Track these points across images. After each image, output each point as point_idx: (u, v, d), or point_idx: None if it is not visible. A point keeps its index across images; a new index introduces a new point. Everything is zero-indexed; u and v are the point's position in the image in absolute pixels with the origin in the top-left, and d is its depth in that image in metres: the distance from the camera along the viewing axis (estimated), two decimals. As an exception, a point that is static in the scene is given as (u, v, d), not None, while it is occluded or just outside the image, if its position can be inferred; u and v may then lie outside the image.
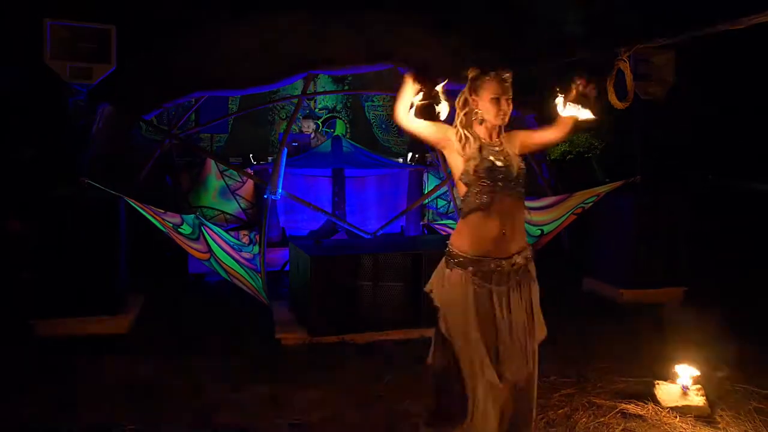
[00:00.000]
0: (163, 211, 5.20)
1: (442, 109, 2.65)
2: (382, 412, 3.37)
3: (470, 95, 2.67)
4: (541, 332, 2.69)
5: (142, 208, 4.95)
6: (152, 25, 6.12)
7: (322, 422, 3.27)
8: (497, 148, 2.66)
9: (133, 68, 6.02)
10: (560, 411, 3.39)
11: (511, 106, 2.65)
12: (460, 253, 2.61)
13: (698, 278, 6.07)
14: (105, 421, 3.22)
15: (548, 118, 2.88)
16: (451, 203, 7.17)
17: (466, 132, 2.65)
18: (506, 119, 2.67)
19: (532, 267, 2.70)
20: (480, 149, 2.63)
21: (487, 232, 2.59)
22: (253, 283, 5.33)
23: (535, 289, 2.69)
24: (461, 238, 2.65)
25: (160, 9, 6.22)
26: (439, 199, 7.83)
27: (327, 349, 4.41)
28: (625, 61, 3.74)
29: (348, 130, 10.43)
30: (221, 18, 6.74)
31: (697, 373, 3.43)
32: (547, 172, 7.12)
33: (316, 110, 10.22)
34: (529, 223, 6.30)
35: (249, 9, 6.89)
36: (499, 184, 2.60)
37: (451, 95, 2.73)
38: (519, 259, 2.62)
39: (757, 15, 2.97)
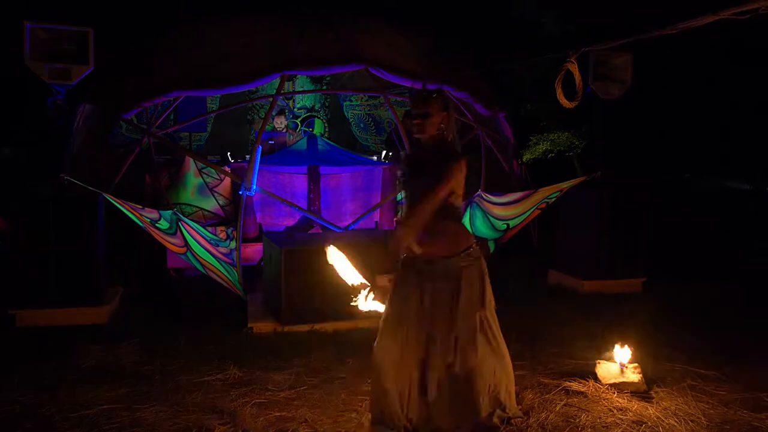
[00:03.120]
0: (141, 207, 5.41)
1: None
2: (343, 391, 3.60)
3: None
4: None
5: (120, 204, 5.14)
6: (132, 26, 6.29)
7: (286, 401, 3.49)
8: (422, 163, 2.93)
9: (113, 68, 6.21)
10: (510, 390, 3.63)
11: (427, 122, 2.89)
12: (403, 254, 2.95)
13: (657, 270, 6.37)
14: (84, 402, 3.42)
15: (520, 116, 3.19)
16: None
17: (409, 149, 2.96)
18: (422, 132, 2.92)
19: (466, 270, 2.92)
20: (407, 162, 2.96)
21: (418, 236, 2.89)
22: (229, 277, 5.54)
23: (468, 288, 2.92)
24: None
25: (139, 10, 6.39)
26: (412, 196, 8.05)
27: (296, 337, 4.63)
28: (573, 63, 3.98)
29: (327, 129, 10.63)
30: (199, 19, 6.93)
31: (630, 354, 3.69)
32: (519, 170, 7.38)
33: (295, 109, 10.41)
34: (495, 218, 6.57)
35: (226, 10, 7.09)
36: (410, 195, 2.94)
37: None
38: (443, 263, 2.90)
39: (688, 21, 3.26)
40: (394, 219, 7.79)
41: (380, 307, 2.91)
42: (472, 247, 2.94)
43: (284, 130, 8.41)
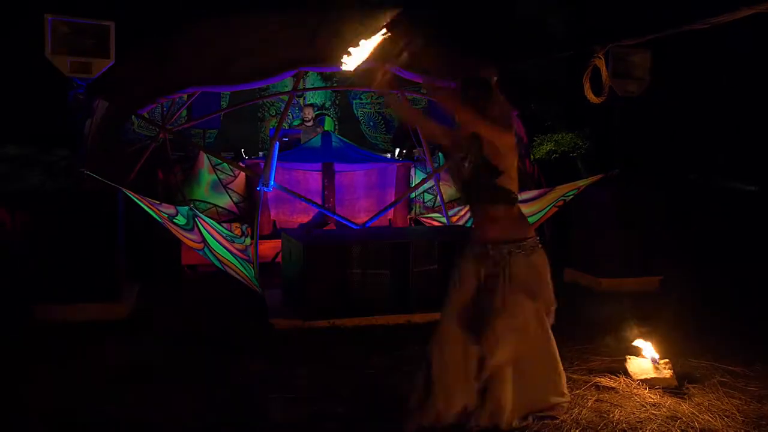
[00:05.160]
0: (158, 202, 5.39)
1: None
2: (370, 388, 3.57)
3: None
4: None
5: (139, 199, 5.12)
6: (147, 21, 6.27)
7: (317, 396, 3.46)
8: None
9: (128, 63, 6.18)
10: (539, 386, 3.60)
11: (458, 114, 2.85)
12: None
13: (673, 268, 6.34)
14: (113, 400, 3.39)
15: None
16: (438, 197, 7.38)
17: None
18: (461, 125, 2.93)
19: (514, 260, 2.87)
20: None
21: (475, 221, 3.00)
22: (246, 272, 5.52)
23: (524, 273, 2.87)
24: None
25: (155, 5, 6.37)
26: (426, 193, 8.06)
27: (318, 333, 4.60)
28: (600, 59, 3.97)
29: (336, 127, 10.61)
30: (215, 16, 6.91)
31: (653, 348, 3.68)
32: (532, 168, 7.36)
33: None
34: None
35: (242, 8, 7.06)
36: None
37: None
38: (499, 248, 2.86)
39: (721, 16, 3.23)
40: (408, 216, 7.77)
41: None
42: (527, 239, 2.89)
43: (311, 123, 8.42)
